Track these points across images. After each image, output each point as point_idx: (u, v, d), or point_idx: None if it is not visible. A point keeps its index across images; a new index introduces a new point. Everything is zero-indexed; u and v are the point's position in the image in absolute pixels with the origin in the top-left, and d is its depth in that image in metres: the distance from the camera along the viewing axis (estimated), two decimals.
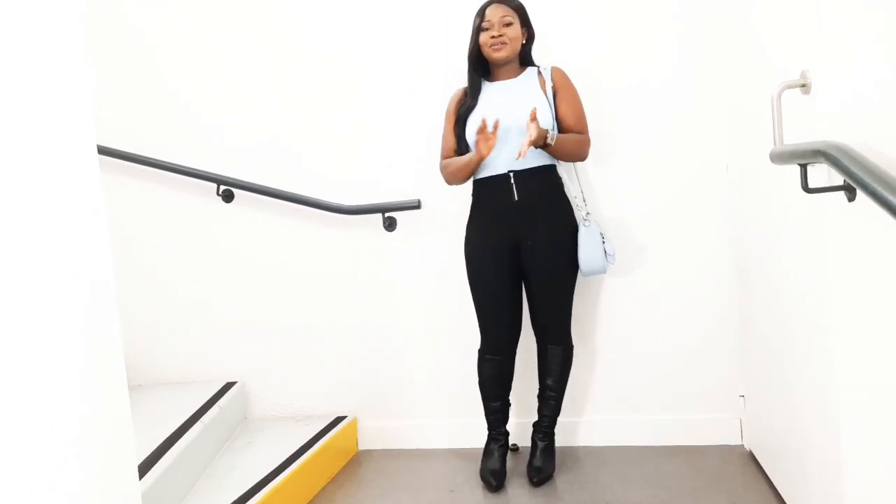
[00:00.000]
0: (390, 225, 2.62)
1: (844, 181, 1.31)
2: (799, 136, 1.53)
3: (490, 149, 2.15)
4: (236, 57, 2.72)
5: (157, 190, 2.77)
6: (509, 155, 2.20)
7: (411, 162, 2.62)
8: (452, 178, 2.31)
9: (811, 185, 1.45)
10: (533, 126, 2.10)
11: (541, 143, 2.15)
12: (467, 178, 2.30)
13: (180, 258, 2.79)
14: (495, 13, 2.23)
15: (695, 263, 2.51)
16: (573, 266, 2.30)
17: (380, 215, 2.61)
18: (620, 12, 2.50)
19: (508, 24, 2.23)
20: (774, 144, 1.59)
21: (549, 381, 2.36)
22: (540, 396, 2.41)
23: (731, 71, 2.29)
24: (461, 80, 2.35)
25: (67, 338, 1.16)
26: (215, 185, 2.70)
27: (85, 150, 1.26)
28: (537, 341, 2.38)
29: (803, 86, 1.54)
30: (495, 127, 2.13)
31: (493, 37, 2.22)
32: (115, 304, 1.30)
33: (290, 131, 2.70)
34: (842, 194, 1.36)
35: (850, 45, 1.39)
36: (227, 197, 2.71)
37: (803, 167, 1.46)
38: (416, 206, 2.57)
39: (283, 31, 2.69)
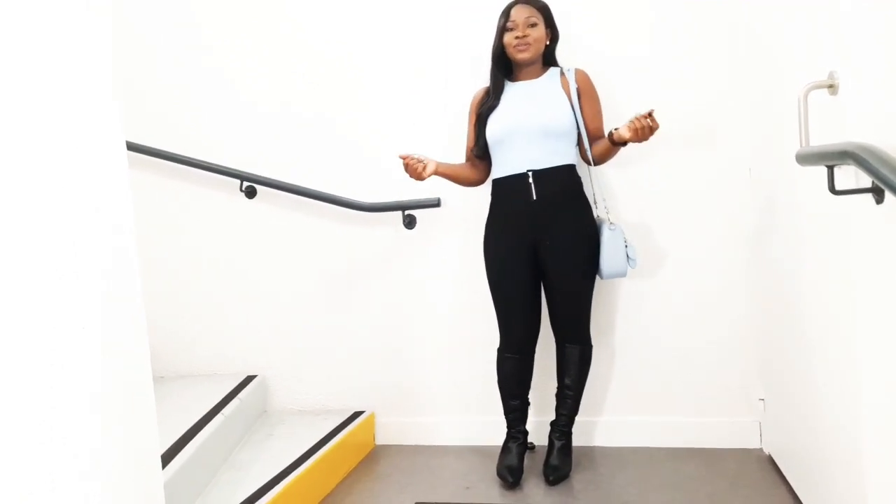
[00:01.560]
0: (410, 223, 2.63)
1: (873, 183, 1.29)
2: (825, 137, 1.52)
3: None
4: (236, 57, 2.74)
5: (179, 185, 2.80)
6: (529, 155, 2.21)
7: None
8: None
9: (838, 187, 1.43)
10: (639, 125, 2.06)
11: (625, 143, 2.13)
12: (464, 184, 2.38)
13: (202, 252, 2.82)
14: (520, 14, 2.23)
15: (715, 265, 2.50)
16: (592, 265, 2.29)
17: (399, 213, 2.62)
18: (640, 12, 2.48)
19: (533, 25, 2.23)
20: (801, 145, 1.57)
21: (567, 381, 2.36)
22: (558, 395, 2.41)
23: (755, 71, 2.27)
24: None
25: (93, 332, 1.18)
26: (238, 181, 2.73)
27: (114, 146, 1.28)
28: (556, 340, 2.38)
29: (831, 86, 1.52)
30: None
31: (517, 38, 2.22)
32: (140, 299, 1.33)
33: (302, 131, 2.72)
34: (869, 196, 1.35)
35: (878, 45, 1.37)
36: (250, 193, 2.74)
37: (830, 168, 1.44)
38: (436, 203, 2.58)
39: (284, 30, 2.71)
